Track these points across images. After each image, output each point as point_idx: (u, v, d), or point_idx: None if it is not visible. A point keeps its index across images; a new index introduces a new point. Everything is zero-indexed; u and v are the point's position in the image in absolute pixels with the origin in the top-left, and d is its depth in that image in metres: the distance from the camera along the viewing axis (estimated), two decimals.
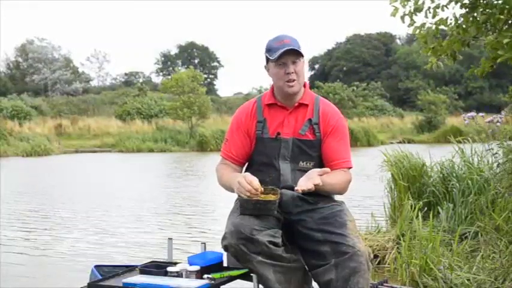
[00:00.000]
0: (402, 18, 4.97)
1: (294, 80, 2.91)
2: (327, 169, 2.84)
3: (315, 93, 3.09)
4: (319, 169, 2.84)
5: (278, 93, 3.01)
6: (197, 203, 10.07)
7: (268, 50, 2.94)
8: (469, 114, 5.23)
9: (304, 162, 2.95)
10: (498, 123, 5.04)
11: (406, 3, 4.93)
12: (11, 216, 8.58)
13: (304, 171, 2.91)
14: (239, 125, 3.04)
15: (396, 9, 4.95)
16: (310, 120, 2.96)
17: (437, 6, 4.89)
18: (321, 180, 2.79)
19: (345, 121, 3.06)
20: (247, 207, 2.78)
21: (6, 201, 9.99)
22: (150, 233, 7.18)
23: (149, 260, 3.06)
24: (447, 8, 4.91)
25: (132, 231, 7.33)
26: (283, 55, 2.88)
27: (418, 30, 5.02)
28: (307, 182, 2.77)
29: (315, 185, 2.76)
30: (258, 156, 3.00)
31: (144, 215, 8.57)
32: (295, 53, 2.90)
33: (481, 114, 5.35)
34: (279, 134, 2.96)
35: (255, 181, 2.76)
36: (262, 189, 2.78)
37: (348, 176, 2.95)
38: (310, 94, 3.04)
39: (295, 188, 2.78)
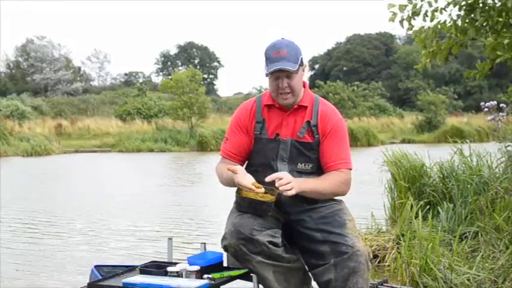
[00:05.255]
0: (401, 22, 4.98)
1: (288, 93, 2.88)
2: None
3: (315, 94, 3.07)
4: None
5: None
6: (197, 202, 10.07)
7: (266, 58, 2.89)
8: (488, 103, 4.99)
9: (303, 164, 2.93)
10: (500, 122, 4.99)
11: (404, 7, 4.94)
12: (11, 216, 8.58)
13: (303, 173, 2.90)
14: (238, 124, 3.02)
15: (394, 14, 4.96)
16: (308, 122, 2.94)
17: (436, 10, 4.90)
18: (304, 187, 2.79)
19: (344, 122, 3.03)
20: (242, 204, 2.79)
21: (6, 201, 9.98)
22: (150, 233, 7.18)
23: (149, 260, 3.06)
24: (445, 10, 4.92)
25: (132, 231, 7.33)
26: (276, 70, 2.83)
27: (417, 34, 5.04)
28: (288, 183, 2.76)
29: (288, 192, 2.75)
30: (256, 157, 2.99)
31: (144, 215, 8.57)
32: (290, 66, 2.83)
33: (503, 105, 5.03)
34: (277, 135, 2.95)
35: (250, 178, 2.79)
36: (263, 189, 2.77)
37: (343, 176, 2.90)
38: (310, 95, 3.01)
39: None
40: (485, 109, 4.94)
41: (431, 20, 4.92)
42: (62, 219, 8.30)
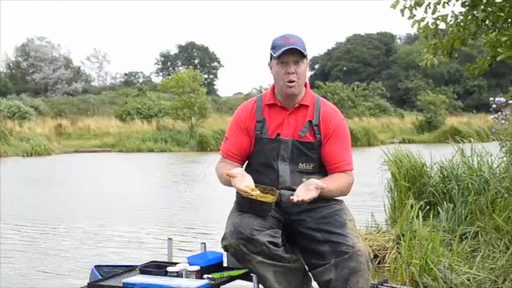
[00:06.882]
0: (402, 11, 4.99)
1: (294, 81, 2.89)
2: (324, 185, 2.80)
3: (316, 94, 3.08)
4: (318, 181, 2.81)
5: (278, 93, 2.98)
6: (197, 202, 10.06)
7: (273, 47, 2.91)
8: (497, 99, 4.93)
9: (304, 164, 2.93)
10: (503, 121, 4.98)
11: None
12: (11, 216, 8.57)
13: (304, 173, 2.90)
14: (239, 124, 3.02)
15: (397, 1, 4.96)
16: (310, 121, 2.94)
17: (438, 3, 4.91)
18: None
19: (346, 122, 3.03)
20: (243, 204, 2.80)
21: (6, 201, 9.97)
22: (150, 233, 7.18)
23: (149, 260, 3.06)
24: (448, 4, 4.93)
25: (132, 231, 7.32)
26: (286, 53, 2.86)
27: (417, 24, 5.04)
28: (305, 193, 2.76)
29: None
30: (257, 157, 2.99)
31: (144, 215, 8.57)
32: (298, 54, 2.87)
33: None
34: (278, 135, 2.94)
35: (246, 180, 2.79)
36: (258, 191, 2.78)
37: (349, 178, 2.95)
38: (311, 95, 3.01)
39: (291, 198, 2.77)
40: (494, 105, 4.92)
41: (433, 13, 4.93)
42: (62, 219, 8.29)
